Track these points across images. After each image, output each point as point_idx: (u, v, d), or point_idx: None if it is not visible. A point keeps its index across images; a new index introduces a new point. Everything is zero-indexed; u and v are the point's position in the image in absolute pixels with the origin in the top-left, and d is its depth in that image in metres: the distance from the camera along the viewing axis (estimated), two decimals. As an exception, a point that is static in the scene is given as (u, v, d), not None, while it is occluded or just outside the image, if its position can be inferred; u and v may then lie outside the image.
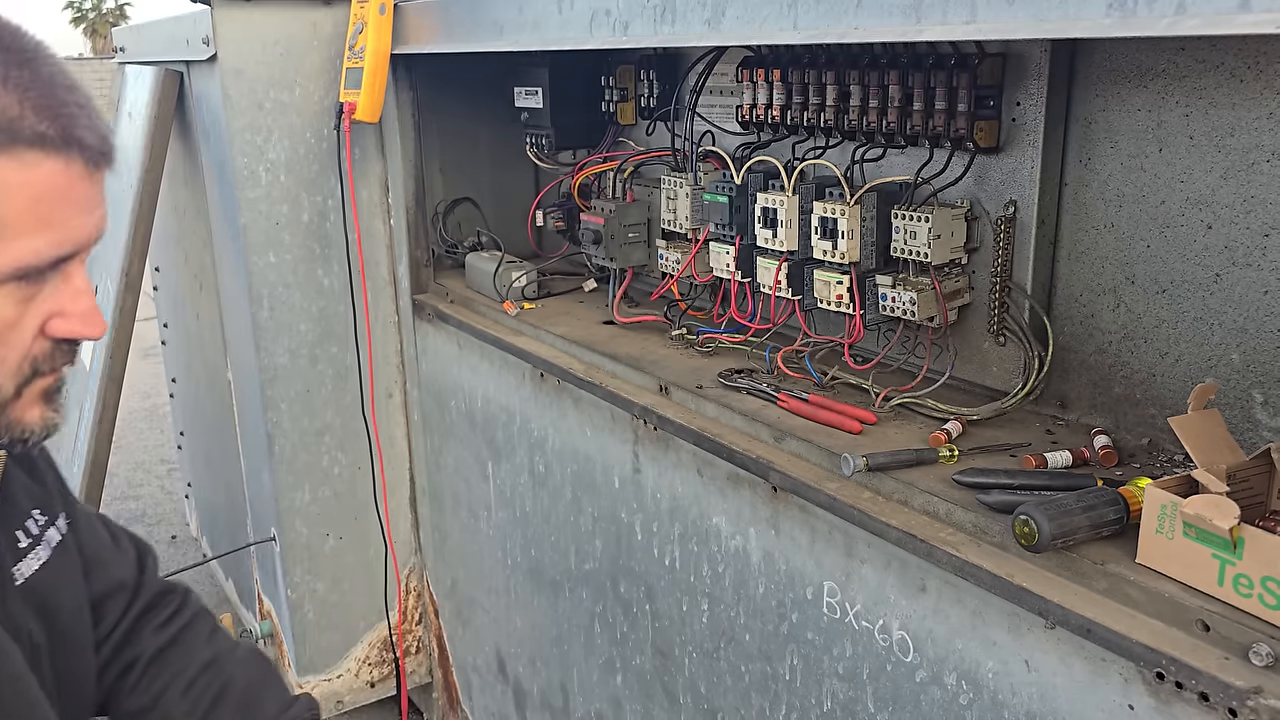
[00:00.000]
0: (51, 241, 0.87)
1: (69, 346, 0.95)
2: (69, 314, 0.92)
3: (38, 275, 0.88)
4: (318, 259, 2.34)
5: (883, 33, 1.06)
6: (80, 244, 0.90)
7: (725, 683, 1.56)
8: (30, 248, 0.86)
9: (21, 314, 0.89)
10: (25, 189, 0.84)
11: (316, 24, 2.22)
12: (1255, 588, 0.92)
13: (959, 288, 1.46)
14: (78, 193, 0.88)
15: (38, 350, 0.92)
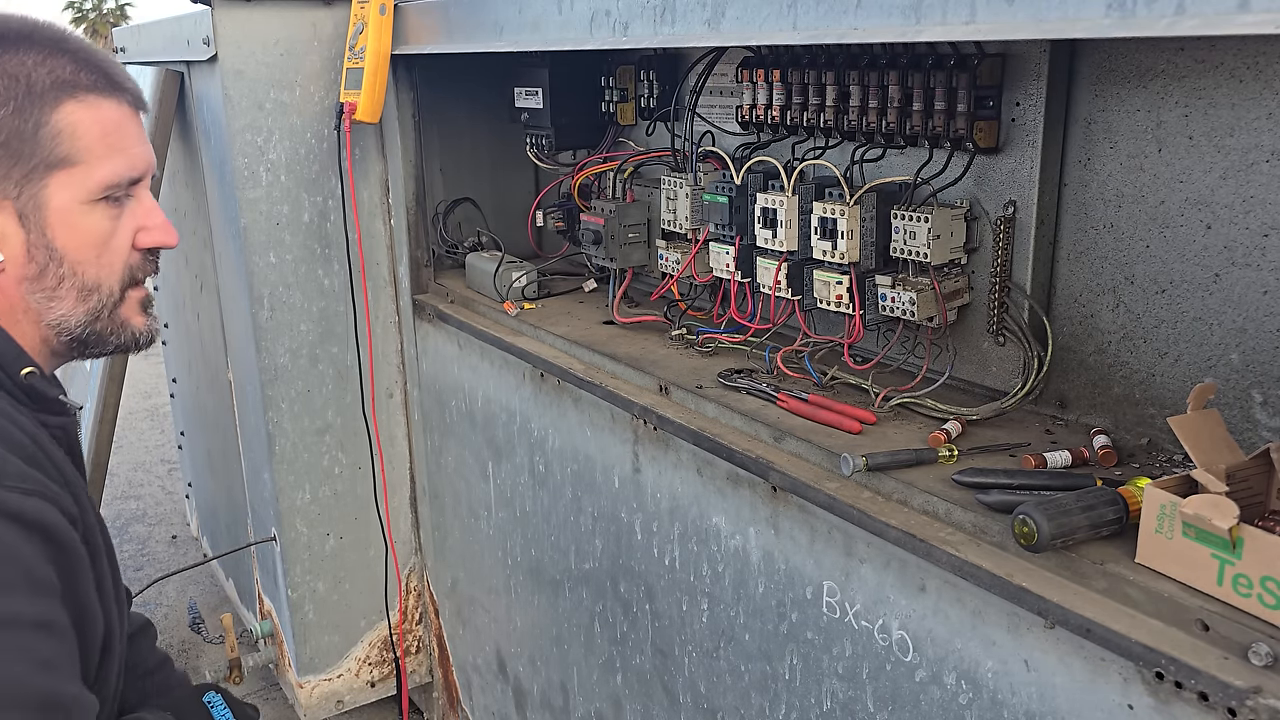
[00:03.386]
0: (124, 164, 1.11)
1: (153, 257, 1.18)
2: (150, 227, 1.16)
3: (119, 195, 1.12)
4: (318, 259, 2.35)
5: (882, 33, 1.06)
6: (143, 169, 1.14)
7: (725, 682, 1.56)
8: (111, 170, 1.10)
9: (115, 228, 1.12)
10: (95, 125, 1.08)
11: (317, 24, 2.22)
12: (1254, 587, 0.93)
13: (958, 288, 1.46)
14: (132, 127, 1.13)
15: (133, 260, 1.15)
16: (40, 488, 0.98)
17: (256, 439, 2.49)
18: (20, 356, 1.10)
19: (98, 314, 1.13)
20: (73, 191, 1.08)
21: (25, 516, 0.95)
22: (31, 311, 1.10)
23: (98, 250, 1.11)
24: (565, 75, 2.05)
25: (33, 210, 1.06)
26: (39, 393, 1.11)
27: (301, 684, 2.56)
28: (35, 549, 0.96)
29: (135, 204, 1.15)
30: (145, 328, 1.19)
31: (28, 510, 0.95)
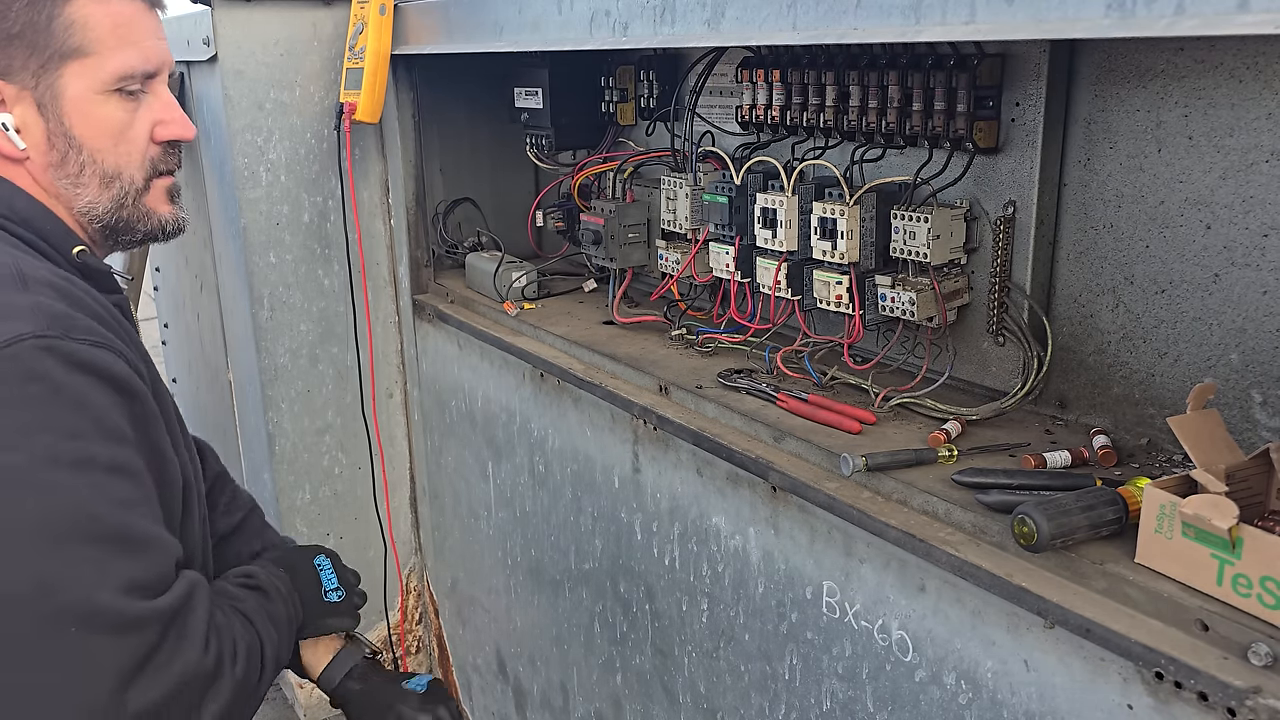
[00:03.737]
0: (136, 57, 1.15)
1: (173, 150, 1.23)
2: (167, 120, 1.20)
3: (134, 89, 1.16)
4: (318, 259, 2.35)
5: (882, 33, 1.06)
6: (157, 64, 1.18)
7: (725, 682, 1.56)
8: (122, 61, 1.14)
9: (131, 119, 1.17)
10: (107, 18, 1.13)
11: (317, 24, 2.22)
12: (1254, 587, 0.93)
13: (958, 288, 1.46)
14: (145, 22, 1.17)
15: (153, 153, 1.20)
16: (108, 341, 1.02)
17: (256, 439, 2.49)
18: (69, 235, 1.15)
19: (122, 201, 1.18)
20: (86, 81, 1.13)
21: (94, 366, 0.98)
22: (63, 198, 1.15)
23: (114, 139, 1.16)
24: (565, 75, 2.05)
25: (50, 100, 1.12)
26: (92, 269, 1.15)
27: (301, 684, 2.56)
28: (106, 398, 0.99)
29: (152, 99, 1.19)
30: (172, 215, 1.24)
31: (97, 360, 0.99)
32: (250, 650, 1.13)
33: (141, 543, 0.99)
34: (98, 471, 0.96)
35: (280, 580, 1.30)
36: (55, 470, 0.94)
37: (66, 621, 0.92)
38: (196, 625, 1.03)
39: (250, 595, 1.23)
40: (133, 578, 0.97)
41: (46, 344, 0.95)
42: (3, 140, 1.12)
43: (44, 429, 0.94)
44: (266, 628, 1.19)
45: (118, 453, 0.99)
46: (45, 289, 1.01)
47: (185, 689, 1.00)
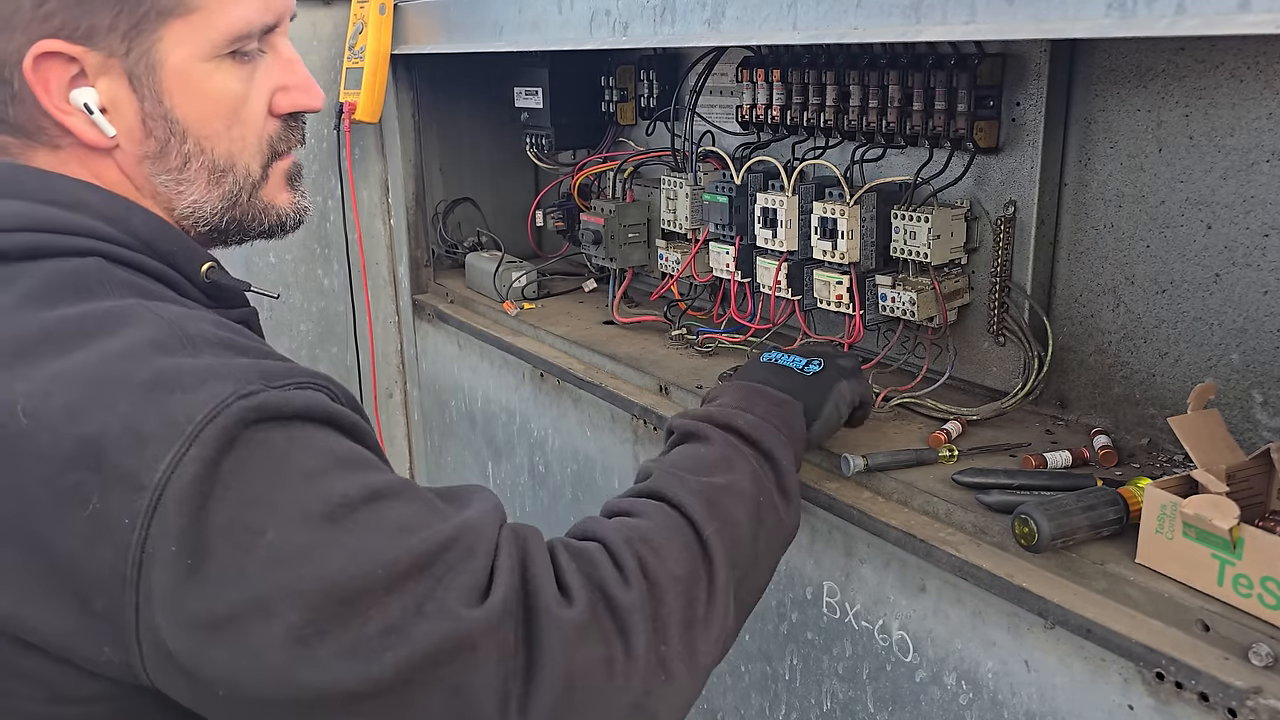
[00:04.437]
0: (255, 7, 0.90)
1: (296, 123, 0.98)
2: (289, 86, 0.95)
3: (250, 49, 0.91)
4: (318, 259, 2.35)
5: (882, 33, 1.06)
6: (279, 12, 0.93)
7: (725, 682, 1.56)
8: (239, 15, 0.89)
9: (247, 91, 0.92)
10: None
11: (316, 24, 2.22)
12: (1255, 588, 0.92)
13: (959, 288, 1.46)
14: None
15: (271, 130, 0.95)
16: (311, 378, 0.81)
17: (256, 439, 2.48)
18: (194, 251, 0.92)
19: (235, 199, 0.94)
20: (192, 46, 0.87)
21: (310, 411, 0.77)
22: (160, 197, 0.91)
23: (227, 120, 0.92)
24: (565, 75, 2.05)
25: (146, 71, 0.86)
26: (224, 288, 0.94)
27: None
28: (331, 439, 0.79)
29: (271, 58, 0.94)
30: (292, 207, 1.00)
31: (311, 404, 0.78)
32: (676, 557, 0.88)
33: (439, 552, 0.76)
34: (361, 510, 0.75)
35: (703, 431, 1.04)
36: (319, 530, 0.73)
37: (417, 670, 0.73)
38: (545, 591, 0.79)
39: (648, 505, 0.94)
40: (460, 588, 0.76)
41: (254, 403, 0.73)
42: (84, 124, 0.86)
43: (284, 490, 0.73)
44: (701, 512, 0.92)
45: (368, 479, 0.77)
46: (216, 347, 0.79)
47: (582, 664, 0.78)
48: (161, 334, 0.77)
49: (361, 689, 0.71)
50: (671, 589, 0.85)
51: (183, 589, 0.70)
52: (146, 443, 0.71)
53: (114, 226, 0.85)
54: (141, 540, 0.70)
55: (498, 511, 0.84)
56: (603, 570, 0.84)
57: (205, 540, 0.70)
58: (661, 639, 0.83)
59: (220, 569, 0.71)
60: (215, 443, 0.71)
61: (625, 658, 0.80)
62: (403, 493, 0.79)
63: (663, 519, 0.91)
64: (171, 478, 0.70)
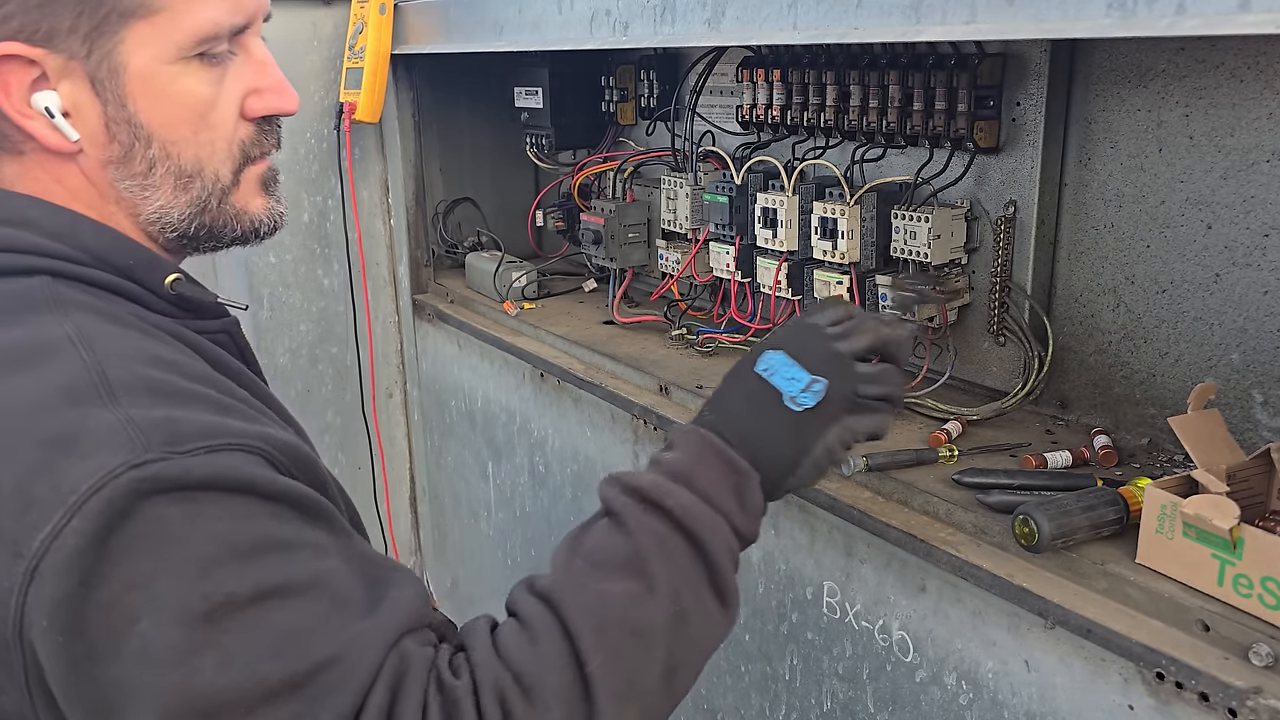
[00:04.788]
0: (223, 7, 0.87)
1: (271, 127, 0.94)
2: (262, 89, 0.92)
3: (219, 51, 0.88)
4: (318, 259, 2.35)
5: (882, 33, 1.06)
6: (251, 13, 0.90)
7: (725, 683, 1.56)
8: (206, 16, 0.85)
9: (216, 95, 0.88)
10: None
11: (316, 24, 2.22)
12: (1255, 588, 0.92)
13: (959, 288, 1.46)
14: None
15: (243, 134, 0.91)
16: (232, 435, 0.74)
17: (256, 439, 2.48)
18: (157, 262, 0.87)
19: (204, 205, 0.90)
20: (156, 48, 0.84)
21: (216, 481, 0.72)
22: (125, 203, 0.87)
23: (194, 125, 0.87)
24: (565, 75, 2.05)
25: (108, 74, 0.83)
26: (192, 300, 0.89)
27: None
28: (242, 508, 0.73)
29: (242, 60, 0.91)
30: (267, 213, 0.95)
31: (218, 472, 0.72)
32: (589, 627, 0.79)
33: (313, 675, 0.71)
34: (246, 611, 0.70)
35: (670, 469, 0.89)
36: (192, 631, 0.68)
37: None
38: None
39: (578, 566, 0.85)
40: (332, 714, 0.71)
41: (146, 474, 0.69)
42: (46, 129, 0.83)
43: (168, 579, 0.69)
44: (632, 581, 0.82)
45: (265, 574, 0.72)
46: (137, 394, 0.74)
47: None
48: (78, 380, 0.73)
49: None
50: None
51: (56, 661, 0.69)
52: (30, 507, 0.68)
53: (62, 242, 0.82)
54: (20, 607, 0.68)
55: (403, 616, 0.77)
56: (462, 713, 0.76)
57: (80, 618, 0.68)
58: None
59: (90, 650, 0.69)
60: (99, 516, 0.67)
61: None
62: (307, 588, 0.73)
63: (547, 646, 0.80)
64: (50, 548, 0.67)
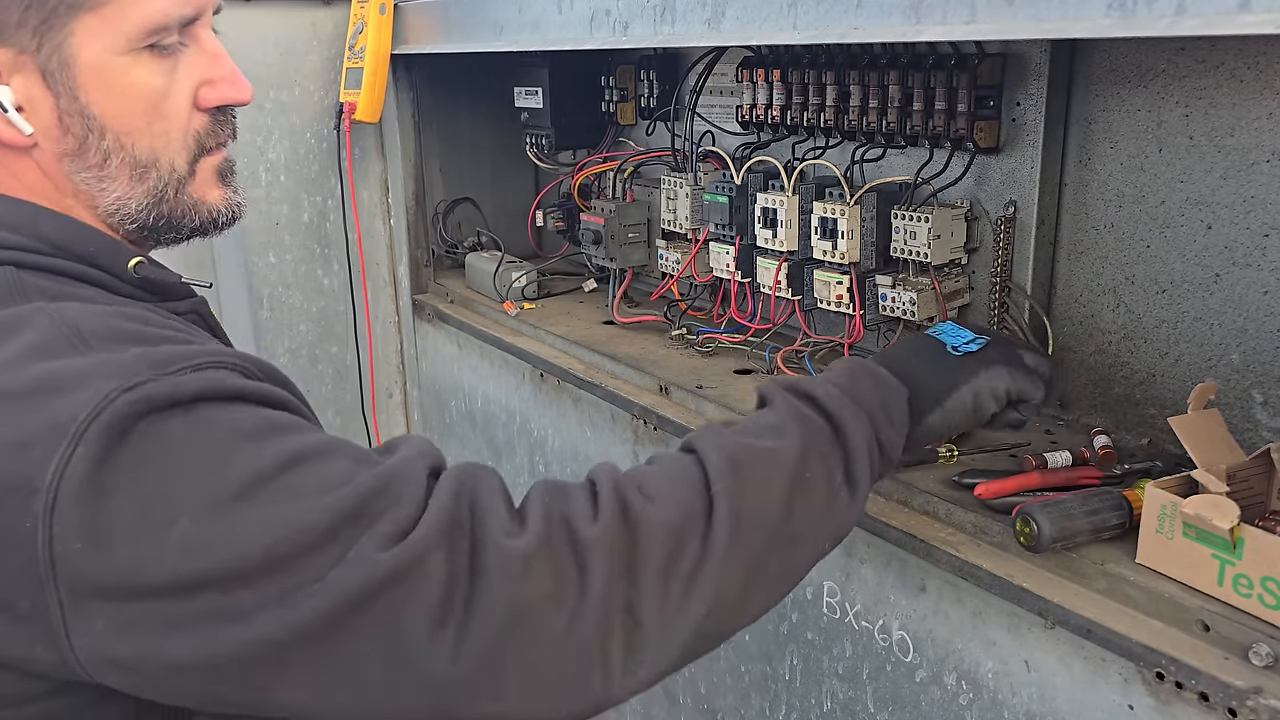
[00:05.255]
0: (172, 0, 0.87)
1: (225, 117, 0.95)
2: (215, 80, 0.92)
3: (169, 41, 0.88)
4: (318, 259, 2.35)
5: (882, 33, 1.06)
6: (199, 5, 0.91)
7: (725, 683, 1.56)
8: (155, 8, 0.86)
9: (168, 85, 0.89)
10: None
11: (316, 24, 2.22)
12: (1255, 588, 0.92)
13: (959, 288, 1.46)
14: None
15: (197, 125, 0.92)
16: (211, 358, 0.78)
17: (256, 439, 2.48)
18: (118, 248, 0.89)
19: (161, 195, 0.91)
20: (106, 40, 0.84)
21: (205, 393, 0.74)
22: (83, 195, 0.89)
23: (147, 116, 0.88)
24: (565, 75, 2.05)
25: (59, 67, 0.84)
26: (157, 283, 0.90)
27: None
28: (235, 412, 0.76)
29: (194, 51, 0.92)
30: (224, 203, 0.96)
31: (206, 385, 0.75)
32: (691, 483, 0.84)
33: (363, 504, 0.74)
34: (278, 479, 0.73)
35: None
36: (231, 510, 0.71)
37: (342, 615, 0.72)
38: (492, 522, 0.77)
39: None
40: (384, 534, 0.73)
41: (138, 395, 0.71)
42: (0, 123, 0.84)
43: (189, 481, 0.72)
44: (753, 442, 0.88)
45: (284, 445, 0.75)
46: (109, 340, 0.76)
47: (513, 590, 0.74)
48: (50, 337, 0.75)
49: (285, 637, 0.71)
50: (653, 535, 0.80)
51: (99, 579, 0.70)
52: (31, 447, 0.70)
53: (22, 234, 0.84)
54: (48, 540, 0.69)
55: (427, 456, 0.81)
56: (572, 506, 0.81)
57: (112, 532, 0.70)
58: (631, 585, 0.78)
59: (132, 557, 0.70)
60: (101, 439, 0.70)
61: (578, 596, 0.76)
62: (325, 451, 0.77)
63: (673, 467, 0.87)
64: (63, 477, 0.69)
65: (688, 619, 0.80)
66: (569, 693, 0.77)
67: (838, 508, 0.91)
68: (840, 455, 0.92)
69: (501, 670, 0.74)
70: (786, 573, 0.90)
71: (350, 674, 0.73)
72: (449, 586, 0.74)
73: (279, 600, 0.71)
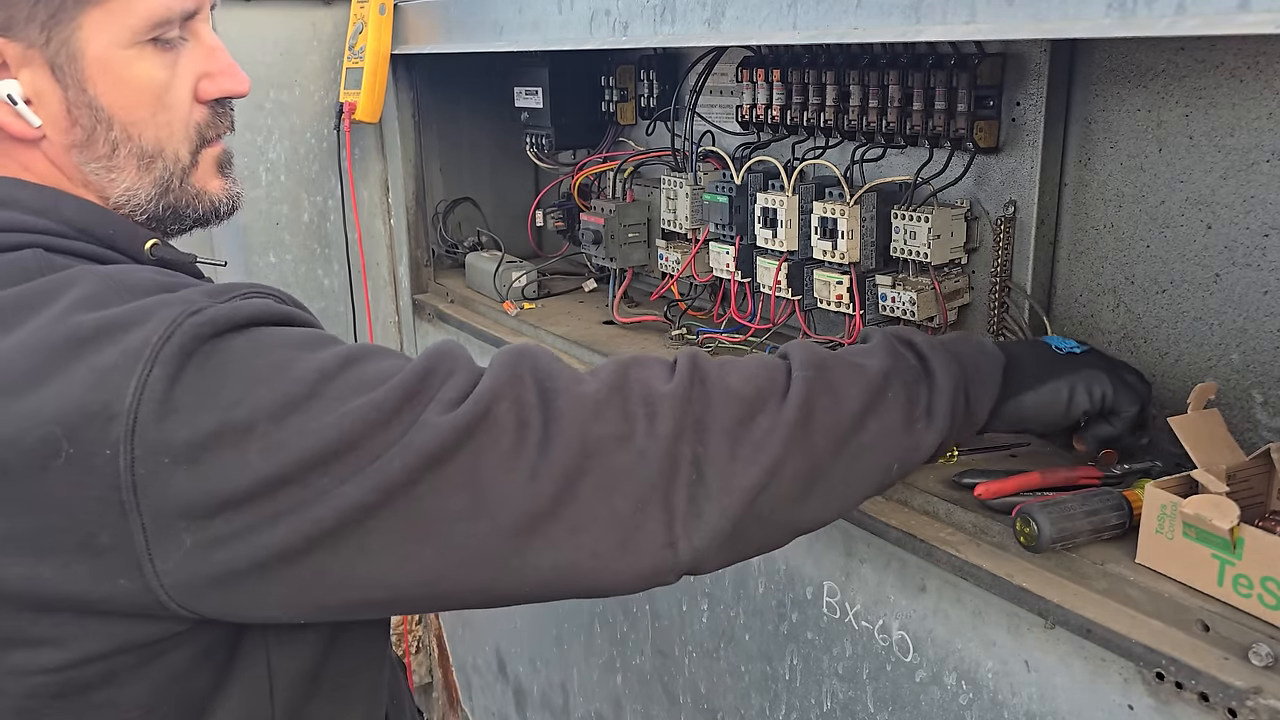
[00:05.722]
0: None
1: (224, 109, 0.99)
2: (213, 73, 0.97)
3: (171, 35, 0.92)
4: (318, 259, 2.34)
5: (882, 33, 1.06)
6: (200, 0, 0.95)
7: (725, 683, 1.56)
8: (159, 3, 0.90)
9: (170, 78, 0.93)
10: None
11: (316, 24, 2.22)
12: (1255, 588, 0.92)
13: (959, 288, 1.46)
14: None
15: (198, 117, 0.96)
16: (256, 290, 0.84)
17: (256, 439, 2.48)
18: (135, 230, 0.93)
19: (167, 184, 0.95)
20: (112, 33, 0.88)
21: (257, 316, 0.79)
22: (93, 186, 0.92)
23: (152, 107, 0.92)
24: (565, 75, 2.05)
25: (67, 60, 0.87)
26: (173, 263, 0.94)
27: (301, 684, 2.55)
28: (291, 332, 0.82)
29: (193, 45, 0.96)
30: (225, 193, 1.01)
31: (258, 309, 0.80)
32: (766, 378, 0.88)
33: (425, 376, 0.79)
34: (341, 375, 0.78)
35: None
36: (305, 406, 0.76)
37: (424, 469, 0.76)
38: (561, 374, 0.82)
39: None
40: (449, 398, 0.78)
41: (204, 318, 0.76)
42: (9, 116, 0.86)
43: (261, 386, 0.75)
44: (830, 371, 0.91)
45: (338, 349, 0.81)
46: (156, 292, 0.80)
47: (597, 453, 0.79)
48: (102, 288, 0.79)
49: (371, 500, 0.75)
50: (724, 398, 0.85)
51: (185, 496, 0.73)
52: (107, 376, 0.72)
53: (47, 218, 0.86)
54: (130, 464, 0.72)
55: (465, 349, 0.86)
56: (650, 369, 0.86)
57: (198, 445, 0.73)
58: (699, 440, 0.82)
59: (219, 466, 0.73)
60: (176, 359, 0.73)
61: (647, 436, 0.80)
62: (375, 352, 0.82)
63: (759, 357, 0.93)
64: (143, 398, 0.72)
65: (747, 482, 0.83)
66: (635, 534, 0.80)
67: (914, 434, 0.95)
68: (925, 390, 0.96)
69: (573, 504, 0.78)
70: (848, 482, 0.92)
71: (435, 529, 0.77)
72: (520, 431, 0.78)
73: (360, 473, 0.75)
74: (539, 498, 0.77)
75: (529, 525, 0.78)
